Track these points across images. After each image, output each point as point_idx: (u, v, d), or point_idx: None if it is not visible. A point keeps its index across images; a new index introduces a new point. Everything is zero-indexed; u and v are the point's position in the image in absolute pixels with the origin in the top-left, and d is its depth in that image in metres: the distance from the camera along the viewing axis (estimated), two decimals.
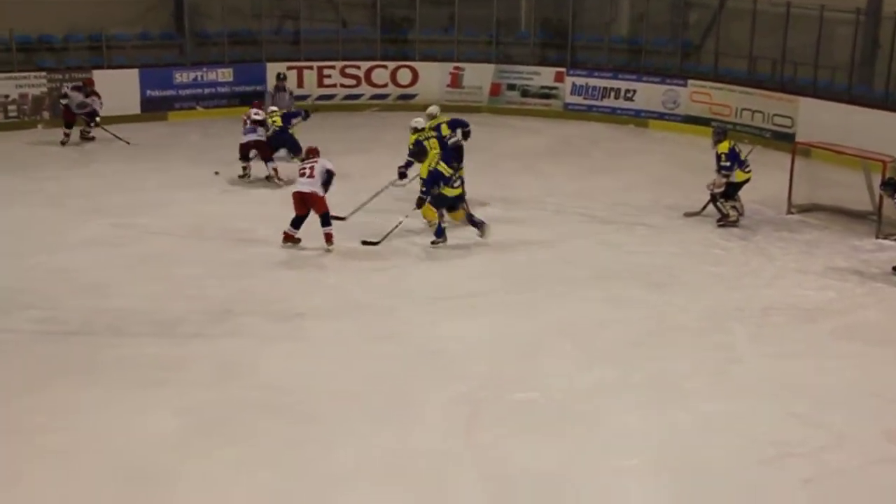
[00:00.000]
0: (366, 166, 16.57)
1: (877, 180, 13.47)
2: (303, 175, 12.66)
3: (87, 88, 17.67)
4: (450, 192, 12.83)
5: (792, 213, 13.99)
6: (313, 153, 13.05)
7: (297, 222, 12.61)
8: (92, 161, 16.57)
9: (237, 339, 10.06)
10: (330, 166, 12.73)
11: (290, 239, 12.62)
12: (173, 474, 7.59)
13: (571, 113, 20.71)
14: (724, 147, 13.74)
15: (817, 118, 16.77)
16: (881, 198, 13.33)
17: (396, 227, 12.86)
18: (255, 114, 15.69)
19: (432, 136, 13.70)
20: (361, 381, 9.18)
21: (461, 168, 13.28)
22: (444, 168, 12.76)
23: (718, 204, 13.87)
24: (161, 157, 16.91)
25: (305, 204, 12.55)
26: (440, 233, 12.80)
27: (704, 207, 14.04)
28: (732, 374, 9.56)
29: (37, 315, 10.45)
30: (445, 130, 13.97)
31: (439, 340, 10.17)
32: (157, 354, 9.65)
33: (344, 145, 17.28)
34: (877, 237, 13.32)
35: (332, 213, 12.73)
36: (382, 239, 12.75)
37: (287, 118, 15.99)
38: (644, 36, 20.84)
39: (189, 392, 8.90)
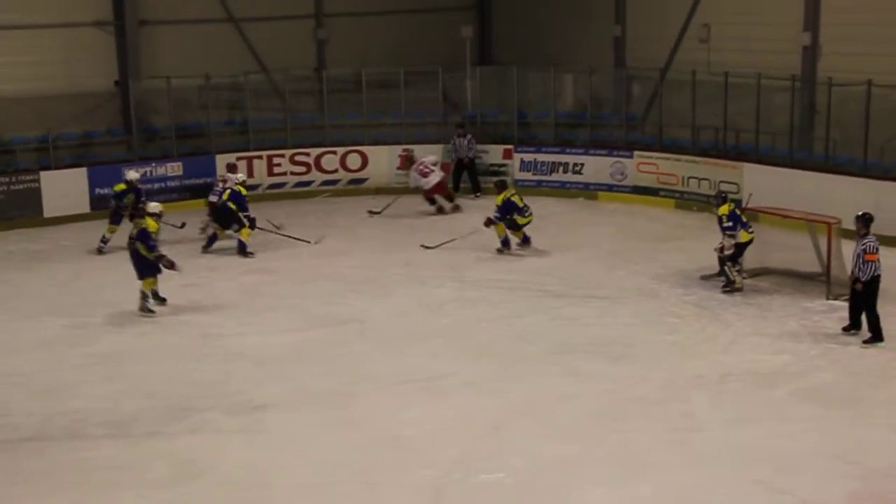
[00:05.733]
0: (321, 251, 16.65)
1: (823, 242, 13.71)
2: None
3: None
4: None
5: (744, 278, 14.16)
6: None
7: None
8: (42, 262, 16.39)
9: (196, 435, 9.93)
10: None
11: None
12: None
13: (522, 188, 20.77)
14: (724, 209, 14.00)
15: (761, 183, 17.06)
16: (829, 259, 13.55)
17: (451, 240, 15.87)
18: None
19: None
20: (324, 472, 9.10)
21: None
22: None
23: (726, 268, 14.01)
24: (113, 254, 16.74)
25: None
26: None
27: (720, 273, 14.17)
28: (694, 442, 9.59)
29: None
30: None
31: (401, 425, 10.11)
32: (114, 456, 9.51)
33: (297, 232, 17.30)
34: (827, 298, 13.49)
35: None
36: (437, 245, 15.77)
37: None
38: (589, 110, 21.19)
39: (148, 493, 8.76)
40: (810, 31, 18.53)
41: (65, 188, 19.03)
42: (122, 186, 17.00)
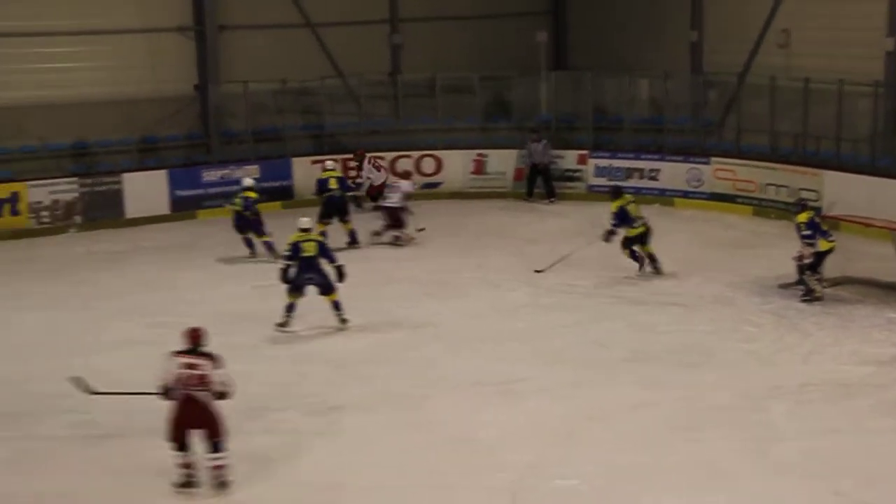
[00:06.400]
0: (395, 255, 16.75)
1: None
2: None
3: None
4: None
5: (824, 287, 13.91)
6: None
7: None
8: (124, 262, 16.73)
9: (272, 435, 10.05)
10: None
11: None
12: None
13: (596, 195, 20.77)
14: (803, 217, 13.74)
15: (843, 191, 16.78)
16: None
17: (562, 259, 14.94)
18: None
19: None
20: (398, 474, 9.14)
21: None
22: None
23: (805, 277, 13.78)
24: (192, 255, 17.06)
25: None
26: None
27: (799, 282, 13.90)
28: (772, 453, 9.45)
29: (74, 419, 10.50)
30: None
31: (475, 428, 10.12)
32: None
33: (370, 235, 17.43)
34: None
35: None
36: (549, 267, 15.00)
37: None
38: (665, 115, 21.02)
39: (227, 492, 8.86)
40: (894, 37, 18.14)
41: (146, 190, 19.48)
42: (254, 194, 16.83)
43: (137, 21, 20.67)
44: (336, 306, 13.10)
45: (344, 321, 13.08)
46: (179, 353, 8.98)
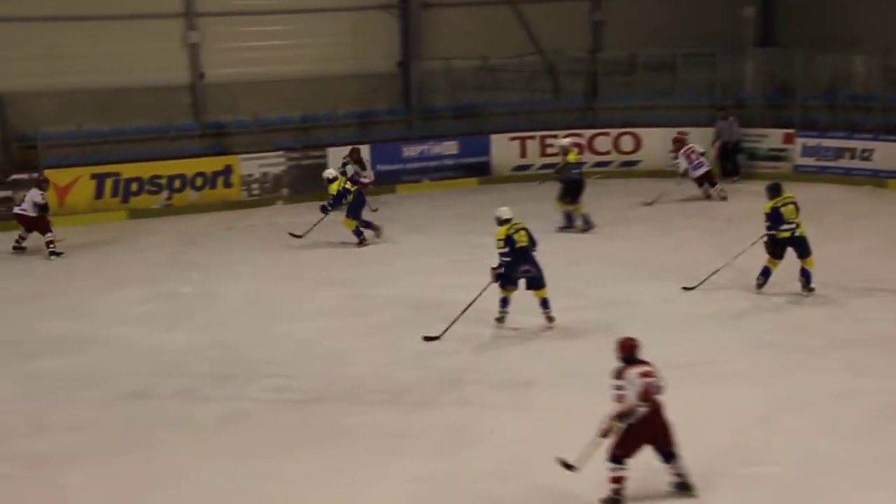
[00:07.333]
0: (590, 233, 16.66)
1: None
2: None
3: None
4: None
5: None
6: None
7: None
8: (325, 235, 17.26)
9: (465, 407, 10.20)
10: None
11: None
12: None
13: (802, 175, 19.99)
14: None
15: None
16: None
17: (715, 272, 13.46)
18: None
19: None
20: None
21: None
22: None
23: None
24: (391, 229, 17.41)
25: None
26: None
27: None
28: None
29: (277, 383, 10.97)
30: None
31: (669, 409, 9.93)
32: (389, 422, 9.92)
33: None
34: None
35: None
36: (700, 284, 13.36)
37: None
38: (881, 92, 19.99)
39: (421, 460, 9.06)
40: None
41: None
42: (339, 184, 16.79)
43: (345, 0, 21.27)
44: (544, 304, 12.31)
45: (551, 319, 12.27)
46: (626, 367, 8.57)
